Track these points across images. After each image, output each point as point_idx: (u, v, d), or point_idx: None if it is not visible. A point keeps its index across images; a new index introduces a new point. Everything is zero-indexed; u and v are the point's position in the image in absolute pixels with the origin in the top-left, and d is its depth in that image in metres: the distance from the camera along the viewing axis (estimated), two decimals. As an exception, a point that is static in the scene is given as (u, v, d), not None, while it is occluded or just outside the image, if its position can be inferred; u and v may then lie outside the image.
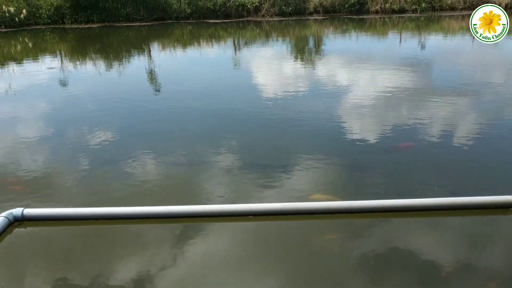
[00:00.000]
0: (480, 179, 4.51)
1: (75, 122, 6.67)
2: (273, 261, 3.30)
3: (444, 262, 3.24)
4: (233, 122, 6.45)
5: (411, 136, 5.61)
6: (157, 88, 9.26)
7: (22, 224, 3.70)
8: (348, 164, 4.90)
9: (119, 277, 3.13)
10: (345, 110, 6.87)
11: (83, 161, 5.09)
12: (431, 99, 7.22)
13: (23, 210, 3.68)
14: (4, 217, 3.60)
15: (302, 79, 9.34)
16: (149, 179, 4.60)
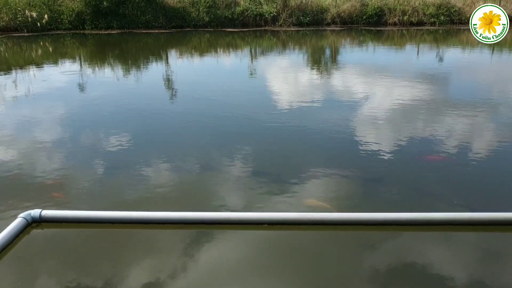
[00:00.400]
0: (499, 196, 4.44)
1: (92, 127, 6.76)
2: (283, 271, 3.29)
3: (457, 278, 3.20)
4: (248, 130, 6.47)
5: (427, 148, 5.57)
6: (173, 94, 9.34)
7: (39, 226, 3.76)
8: (362, 176, 4.87)
9: (130, 282, 3.15)
10: (360, 121, 6.84)
11: (98, 165, 5.16)
12: (447, 112, 7.16)
13: (41, 211, 3.75)
14: (22, 217, 3.66)
15: (317, 90, 9.35)
16: (161, 185, 4.63)
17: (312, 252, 3.53)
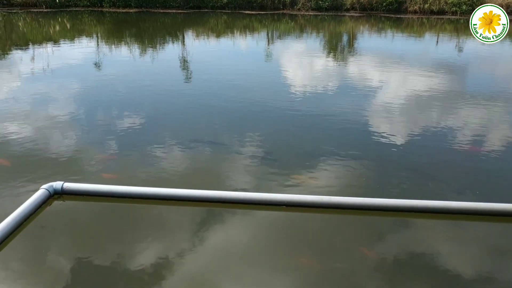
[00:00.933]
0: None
1: (107, 105, 6.83)
2: (292, 254, 3.34)
3: (465, 268, 3.24)
4: (261, 114, 6.48)
5: (441, 139, 5.56)
6: (189, 75, 9.38)
7: (61, 198, 3.86)
8: (374, 163, 4.88)
9: (143, 256, 3.23)
10: (374, 110, 6.83)
11: (111, 143, 5.24)
12: (463, 103, 7.11)
13: (63, 184, 3.85)
14: (44, 189, 3.76)
15: (333, 76, 9.31)
16: (175, 164, 4.69)
17: (321, 235, 3.58)
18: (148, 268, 3.11)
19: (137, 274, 3.05)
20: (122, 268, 3.12)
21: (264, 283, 3.03)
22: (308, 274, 3.12)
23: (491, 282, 3.12)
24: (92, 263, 3.17)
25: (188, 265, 3.17)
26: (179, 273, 3.08)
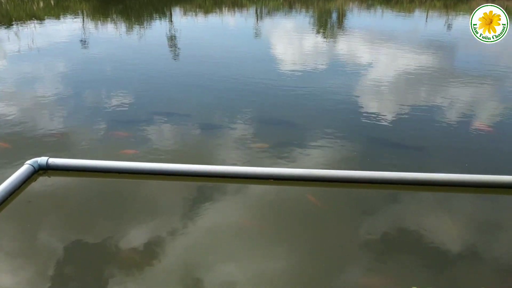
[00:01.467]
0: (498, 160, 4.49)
1: (95, 84, 6.69)
2: (283, 227, 3.34)
3: (453, 239, 3.27)
4: (250, 92, 6.41)
5: (428, 117, 5.57)
6: (177, 54, 9.25)
7: (46, 173, 3.81)
8: (364, 139, 4.88)
9: (133, 233, 3.20)
10: (364, 87, 6.80)
11: (102, 121, 5.15)
12: (451, 82, 7.12)
13: (48, 159, 3.79)
14: (29, 164, 3.71)
15: (322, 54, 9.24)
16: (165, 141, 4.64)
17: (311, 208, 3.59)
18: (139, 245, 3.07)
19: (128, 252, 3.01)
20: (112, 245, 3.08)
21: (257, 258, 3.02)
22: (299, 248, 3.12)
23: (479, 254, 3.14)
24: (81, 239, 3.12)
25: (179, 242, 3.13)
26: (170, 250, 3.05)
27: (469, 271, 2.97)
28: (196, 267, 2.91)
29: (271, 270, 2.89)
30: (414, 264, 3.01)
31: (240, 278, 2.83)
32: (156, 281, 2.78)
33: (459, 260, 3.06)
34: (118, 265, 2.91)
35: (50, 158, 3.80)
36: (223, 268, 2.90)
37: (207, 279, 2.80)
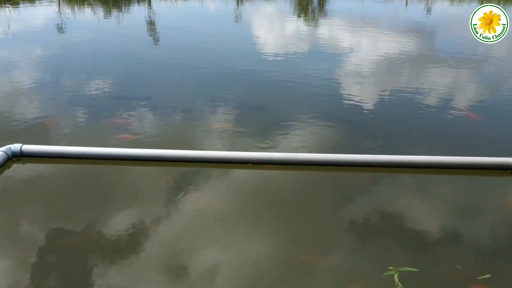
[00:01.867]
0: (480, 144, 4.56)
1: (73, 70, 6.55)
2: (266, 211, 3.34)
3: (436, 219, 3.32)
4: (230, 77, 6.35)
5: (408, 100, 5.61)
6: (156, 39, 9.11)
7: (20, 160, 3.72)
8: (346, 123, 4.89)
9: (109, 218, 3.16)
10: (345, 72, 6.81)
11: (81, 108, 5.04)
12: (430, 66, 7.17)
13: (21, 146, 3.70)
14: (2, 152, 3.62)
15: (302, 39, 9.20)
16: (144, 127, 4.56)
17: (294, 192, 3.59)
18: (121, 232, 3.02)
19: (110, 240, 2.96)
20: (92, 232, 3.02)
21: (239, 242, 3.01)
22: (281, 232, 3.12)
23: (455, 235, 3.19)
24: (59, 227, 3.07)
25: (162, 228, 3.09)
26: (148, 235, 3.02)
27: (444, 251, 3.02)
28: (179, 252, 2.89)
29: (254, 254, 2.88)
30: (392, 245, 3.06)
31: (224, 262, 2.82)
32: (139, 268, 2.76)
33: (435, 240, 3.10)
34: (99, 253, 2.86)
35: (24, 145, 3.72)
36: (205, 253, 2.88)
37: (190, 264, 2.79)
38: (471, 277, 2.75)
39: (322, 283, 2.71)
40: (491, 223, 3.34)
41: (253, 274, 2.74)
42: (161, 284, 2.64)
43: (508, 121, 5.14)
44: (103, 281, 2.63)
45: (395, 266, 2.80)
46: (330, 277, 2.76)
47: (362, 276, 2.78)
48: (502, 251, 3.05)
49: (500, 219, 3.39)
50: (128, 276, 2.69)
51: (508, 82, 6.58)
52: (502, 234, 3.23)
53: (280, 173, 3.83)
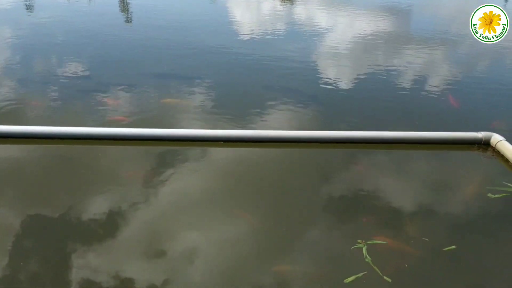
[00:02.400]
0: (447, 119, 4.63)
1: (45, 52, 6.34)
2: (242, 190, 3.37)
3: (406, 194, 3.40)
4: (206, 59, 6.23)
5: (382, 80, 5.65)
6: (129, 19, 8.88)
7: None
8: (321, 103, 4.90)
9: (90, 203, 3.12)
10: (321, 53, 6.79)
11: (52, 91, 4.91)
12: (405, 46, 7.22)
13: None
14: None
15: (279, 20, 9.11)
16: (118, 111, 4.46)
17: (269, 169, 3.62)
18: (99, 216, 2.99)
19: (87, 224, 2.92)
20: (67, 214, 2.98)
21: (217, 222, 3.02)
22: (258, 210, 3.14)
23: (425, 208, 3.27)
24: (33, 211, 3.02)
25: (140, 211, 3.06)
26: (131, 220, 2.99)
27: (413, 224, 3.09)
28: (157, 233, 2.88)
29: (233, 234, 2.89)
30: (363, 219, 3.11)
31: (203, 243, 2.82)
32: (117, 250, 2.74)
33: (404, 214, 3.18)
34: (76, 236, 2.83)
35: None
36: (183, 234, 2.89)
37: (169, 245, 2.78)
38: (437, 248, 2.83)
39: (295, 259, 2.74)
40: (458, 196, 3.43)
41: (232, 253, 2.77)
42: (141, 266, 2.63)
43: (478, 98, 5.24)
44: (82, 264, 2.61)
45: (364, 239, 2.85)
46: (302, 253, 2.79)
47: (333, 250, 2.83)
48: (468, 223, 3.14)
49: (467, 193, 3.48)
50: (106, 259, 2.67)
51: (480, 61, 6.70)
52: (468, 207, 3.32)
53: (254, 151, 3.85)
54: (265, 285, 2.56)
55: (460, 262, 2.78)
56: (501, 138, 3.84)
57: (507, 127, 4.28)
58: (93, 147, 3.75)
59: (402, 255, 2.79)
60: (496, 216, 3.24)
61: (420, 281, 2.64)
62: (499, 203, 3.29)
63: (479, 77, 6.04)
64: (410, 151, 3.99)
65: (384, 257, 2.74)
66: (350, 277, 2.57)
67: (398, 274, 2.64)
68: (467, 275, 2.71)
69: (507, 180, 3.48)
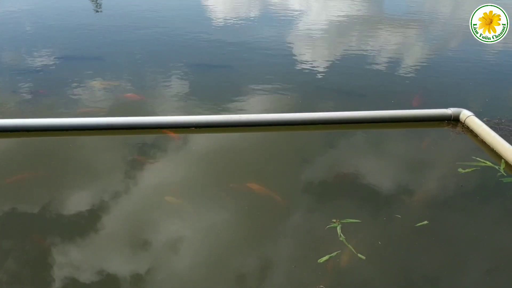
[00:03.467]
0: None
1: (13, 43, 6.15)
2: (224, 176, 3.33)
3: (378, 171, 3.43)
4: (181, 46, 6.13)
5: (355, 62, 5.66)
6: (99, 6, 8.66)
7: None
8: (298, 86, 4.88)
9: (74, 195, 3.08)
10: (296, 37, 6.75)
11: (23, 85, 4.76)
12: (379, 27, 7.25)
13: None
14: None
15: (253, 3, 9.04)
16: (93, 105, 4.35)
17: (242, 152, 3.62)
18: (79, 207, 2.95)
19: (70, 218, 2.87)
20: (50, 210, 2.93)
21: (200, 211, 3.00)
22: (240, 197, 3.12)
23: (399, 185, 3.31)
24: (10, 206, 2.96)
25: (121, 203, 3.03)
26: (113, 211, 2.95)
27: (385, 202, 3.13)
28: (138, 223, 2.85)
29: (216, 222, 2.88)
30: (338, 199, 3.14)
31: (187, 233, 2.80)
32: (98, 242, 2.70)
33: (377, 192, 3.21)
34: (56, 231, 2.77)
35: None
36: (167, 224, 2.86)
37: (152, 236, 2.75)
38: (409, 224, 2.87)
39: (272, 241, 2.76)
40: (430, 172, 3.48)
41: (212, 236, 2.76)
42: (123, 259, 2.60)
43: (445, 76, 5.33)
44: (62, 259, 2.56)
45: (338, 218, 2.87)
46: (280, 236, 2.80)
47: (309, 230, 2.84)
48: (440, 199, 3.19)
49: (438, 169, 3.54)
50: (88, 252, 2.63)
51: (451, 41, 6.79)
52: (440, 183, 3.37)
53: (230, 135, 3.85)
54: (243, 267, 2.57)
55: (433, 237, 2.81)
56: (470, 113, 3.91)
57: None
58: (61, 138, 3.68)
59: (374, 233, 2.82)
60: (467, 190, 3.29)
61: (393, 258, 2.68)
62: (469, 177, 3.35)
63: (448, 56, 6.13)
64: (382, 130, 4.04)
65: (359, 236, 2.76)
66: (324, 257, 2.59)
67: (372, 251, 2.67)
68: (440, 249, 2.75)
69: (476, 155, 3.55)
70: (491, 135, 3.66)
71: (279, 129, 3.90)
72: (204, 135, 3.82)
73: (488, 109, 4.28)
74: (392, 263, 2.65)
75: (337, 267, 2.55)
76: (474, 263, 2.67)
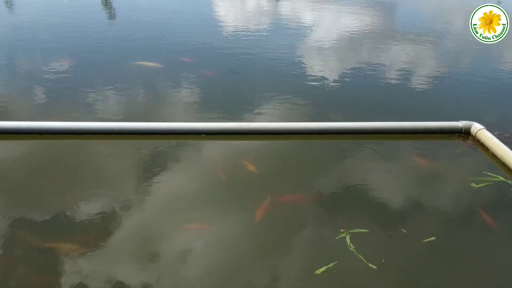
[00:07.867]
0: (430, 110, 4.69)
1: (28, 50, 6.23)
2: (233, 184, 3.36)
3: (388, 184, 3.42)
4: (192, 55, 6.16)
5: (366, 75, 5.68)
6: (112, 16, 8.78)
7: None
8: (308, 97, 4.87)
9: (79, 201, 3.08)
10: (307, 48, 6.79)
11: (37, 90, 4.82)
12: (391, 42, 7.27)
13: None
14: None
15: (264, 15, 9.10)
16: (105, 110, 4.41)
17: (254, 160, 3.62)
18: (88, 215, 2.97)
19: (76, 224, 2.88)
20: (59, 216, 2.94)
21: (206, 216, 3.03)
22: (251, 206, 3.12)
23: (408, 199, 3.30)
24: (20, 212, 2.96)
25: (124, 207, 3.06)
26: (121, 218, 2.97)
27: (395, 215, 3.11)
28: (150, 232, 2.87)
29: (225, 231, 2.89)
30: (347, 210, 3.13)
31: (197, 239, 2.82)
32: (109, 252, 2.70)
33: (386, 204, 3.19)
34: (66, 238, 2.78)
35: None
36: (175, 232, 2.88)
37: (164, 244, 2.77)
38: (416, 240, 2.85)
39: (282, 253, 2.76)
40: (441, 187, 3.45)
41: (224, 245, 2.78)
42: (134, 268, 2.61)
43: (457, 90, 5.31)
44: (73, 268, 2.56)
45: (345, 228, 2.87)
46: (289, 251, 2.79)
47: (318, 241, 2.84)
48: (449, 215, 3.15)
49: (449, 183, 3.51)
50: (98, 261, 2.64)
51: (463, 55, 6.79)
52: (451, 198, 3.34)
53: (240, 143, 3.87)
54: (254, 278, 2.57)
55: (441, 253, 2.78)
56: (481, 127, 3.90)
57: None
58: (71, 141, 3.73)
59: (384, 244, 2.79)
60: (484, 205, 3.24)
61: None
62: (484, 192, 3.33)
63: (459, 70, 6.12)
64: (393, 141, 4.03)
65: (368, 247, 2.75)
66: (321, 268, 2.59)
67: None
68: (451, 264, 2.72)
69: (487, 169, 3.54)
70: (502, 149, 3.64)
71: (286, 138, 3.92)
72: (215, 142, 3.83)
73: (500, 123, 4.26)
74: (402, 274, 2.64)
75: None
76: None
